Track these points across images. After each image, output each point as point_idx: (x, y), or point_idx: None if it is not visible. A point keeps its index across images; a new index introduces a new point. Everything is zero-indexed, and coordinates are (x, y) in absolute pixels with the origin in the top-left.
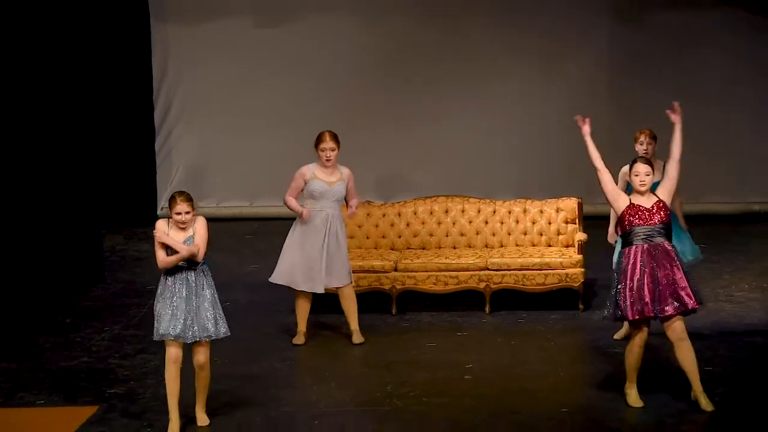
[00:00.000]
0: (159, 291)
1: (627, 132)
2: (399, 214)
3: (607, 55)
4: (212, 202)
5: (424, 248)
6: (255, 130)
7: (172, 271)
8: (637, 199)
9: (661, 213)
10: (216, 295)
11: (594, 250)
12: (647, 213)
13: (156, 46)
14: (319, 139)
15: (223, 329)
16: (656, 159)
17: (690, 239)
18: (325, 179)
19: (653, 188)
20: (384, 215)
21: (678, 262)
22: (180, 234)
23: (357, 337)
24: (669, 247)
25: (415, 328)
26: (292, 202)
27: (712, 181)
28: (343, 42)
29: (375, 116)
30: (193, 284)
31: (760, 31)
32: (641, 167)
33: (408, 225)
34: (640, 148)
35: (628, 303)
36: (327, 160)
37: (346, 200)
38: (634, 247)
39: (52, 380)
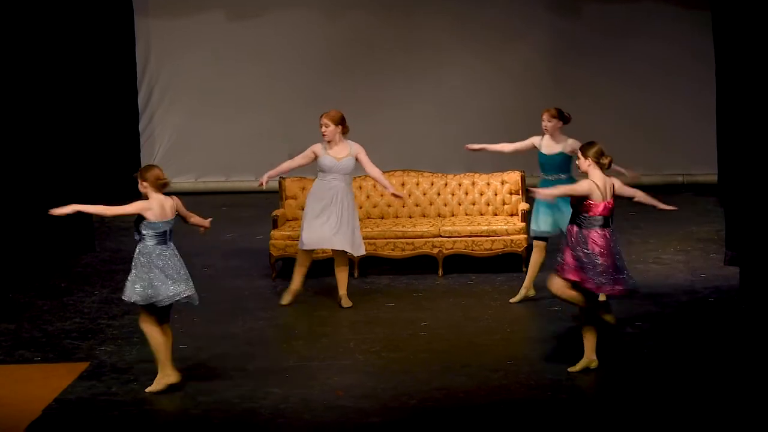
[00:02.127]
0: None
1: (565, 109)
2: (360, 187)
3: (548, 44)
4: (191, 177)
5: (382, 218)
6: (229, 112)
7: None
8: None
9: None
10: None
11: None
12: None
13: (139, 37)
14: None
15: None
16: (560, 135)
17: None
18: (334, 155)
19: (559, 161)
20: None
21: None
22: None
23: (345, 302)
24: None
25: (375, 290)
26: (281, 166)
27: (641, 156)
28: (306, 34)
29: (338, 100)
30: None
31: (688, 20)
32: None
33: (368, 197)
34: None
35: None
36: (323, 135)
37: (369, 173)
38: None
39: (48, 339)
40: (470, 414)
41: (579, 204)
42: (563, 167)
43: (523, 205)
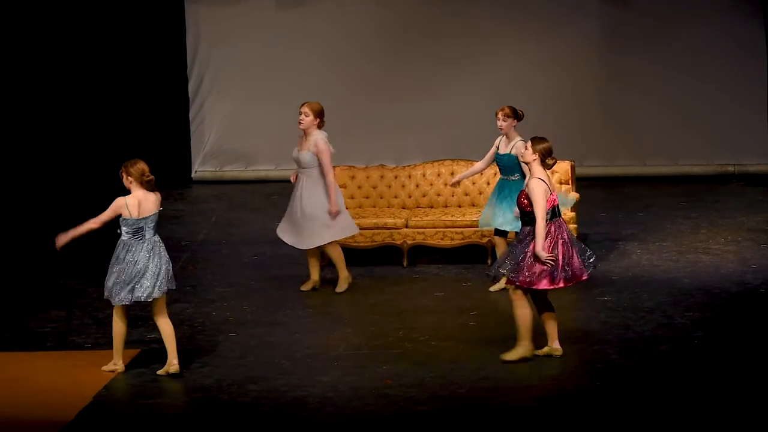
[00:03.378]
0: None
1: (615, 102)
2: (409, 176)
3: (596, 32)
4: (241, 166)
5: (432, 207)
6: (279, 100)
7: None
8: None
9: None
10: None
11: (585, 208)
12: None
13: (189, 25)
14: None
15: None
16: (514, 134)
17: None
18: (299, 147)
19: (512, 161)
20: (396, 177)
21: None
22: None
23: (339, 287)
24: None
25: (424, 279)
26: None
27: (689, 146)
28: (356, 21)
29: (385, 89)
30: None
31: (738, 7)
32: None
33: (417, 186)
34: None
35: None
36: (299, 124)
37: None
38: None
39: (98, 326)
40: (519, 404)
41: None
42: (516, 167)
43: (573, 195)
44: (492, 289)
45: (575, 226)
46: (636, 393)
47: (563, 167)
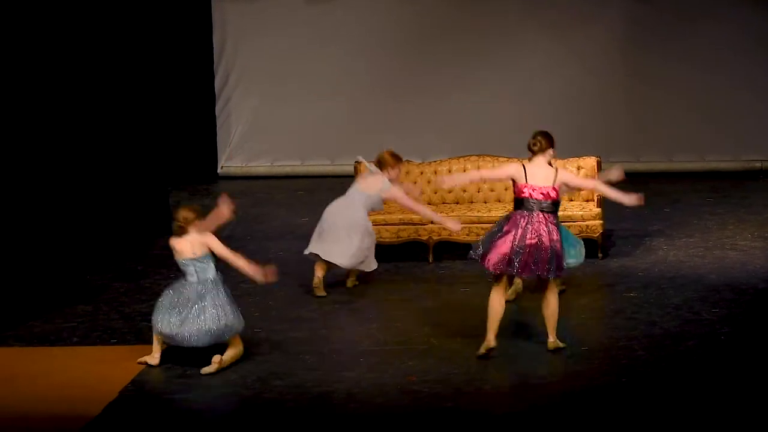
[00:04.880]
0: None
1: (641, 98)
2: (435, 172)
3: (621, 28)
4: (267, 161)
5: (457, 203)
6: (304, 96)
7: None
8: None
9: None
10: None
11: (611, 204)
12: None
13: (216, 21)
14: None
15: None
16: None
17: None
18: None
19: None
20: (422, 173)
21: None
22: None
23: (348, 282)
24: None
25: (449, 275)
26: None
27: (716, 141)
28: (382, 18)
29: (411, 85)
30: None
31: (758, 2)
32: None
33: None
34: None
35: None
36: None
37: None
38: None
39: (124, 321)
40: (545, 400)
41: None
42: None
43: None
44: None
45: (601, 222)
46: (662, 390)
47: (589, 163)
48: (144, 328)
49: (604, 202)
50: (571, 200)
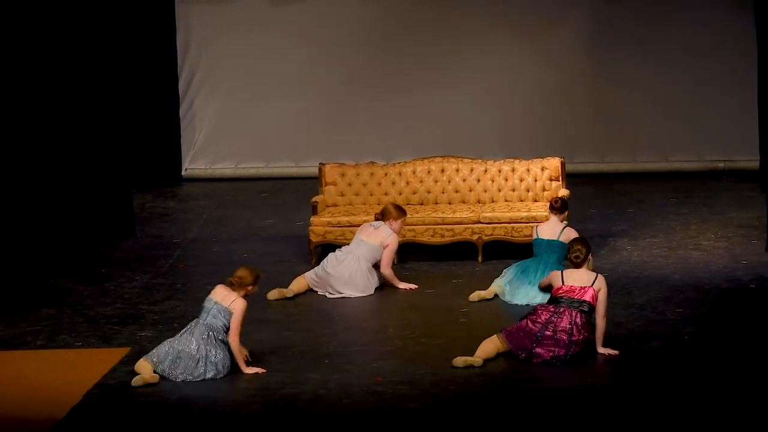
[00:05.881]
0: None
1: (606, 99)
2: (400, 174)
3: (588, 28)
4: (231, 164)
5: (422, 204)
6: (269, 98)
7: None
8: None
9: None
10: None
11: (575, 204)
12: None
13: (180, 24)
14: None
15: None
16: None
17: None
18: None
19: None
20: (386, 174)
21: None
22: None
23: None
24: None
25: (414, 276)
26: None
27: (680, 142)
28: (347, 18)
29: (376, 85)
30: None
31: (725, 4)
32: None
33: (408, 183)
34: None
35: None
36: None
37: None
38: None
39: (89, 324)
40: (508, 401)
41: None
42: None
43: (564, 192)
44: (472, 298)
45: (565, 222)
46: (627, 389)
47: (553, 164)
48: (108, 332)
49: (568, 202)
50: (536, 201)
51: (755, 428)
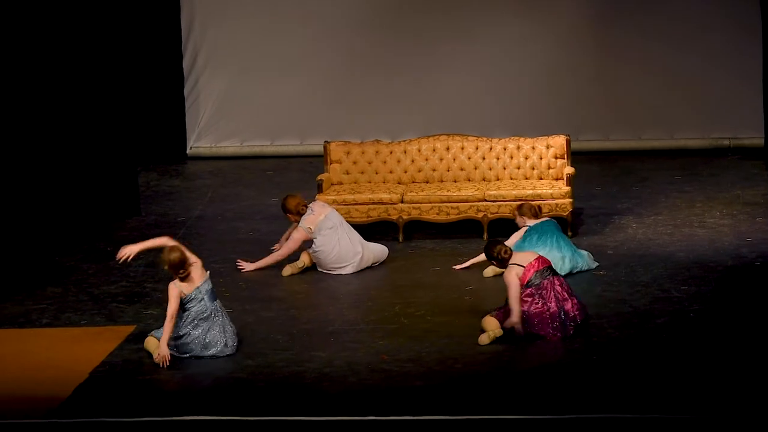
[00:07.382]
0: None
1: (611, 76)
2: (405, 152)
3: (593, 5)
4: (236, 142)
5: (427, 182)
6: (274, 75)
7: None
8: None
9: None
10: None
11: (580, 182)
12: None
13: (184, 1)
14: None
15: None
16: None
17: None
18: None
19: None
20: (391, 152)
21: None
22: None
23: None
24: None
25: (419, 254)
26: None
27: (685, 119)
28: None
29: (381, 63)
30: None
31: None
32: None
33: (413, 161)
34: None
35: None
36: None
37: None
38: None
39: (94, 302)
40: (515, 378)
41: None
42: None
43: (569, 169)
44: (486, 273)
45: (571, 200)
46: (633, 367)
47: (558, 141)
48: (114, 310)
49: (573, 180)
50: (541, 179)
51: (760, 405)
